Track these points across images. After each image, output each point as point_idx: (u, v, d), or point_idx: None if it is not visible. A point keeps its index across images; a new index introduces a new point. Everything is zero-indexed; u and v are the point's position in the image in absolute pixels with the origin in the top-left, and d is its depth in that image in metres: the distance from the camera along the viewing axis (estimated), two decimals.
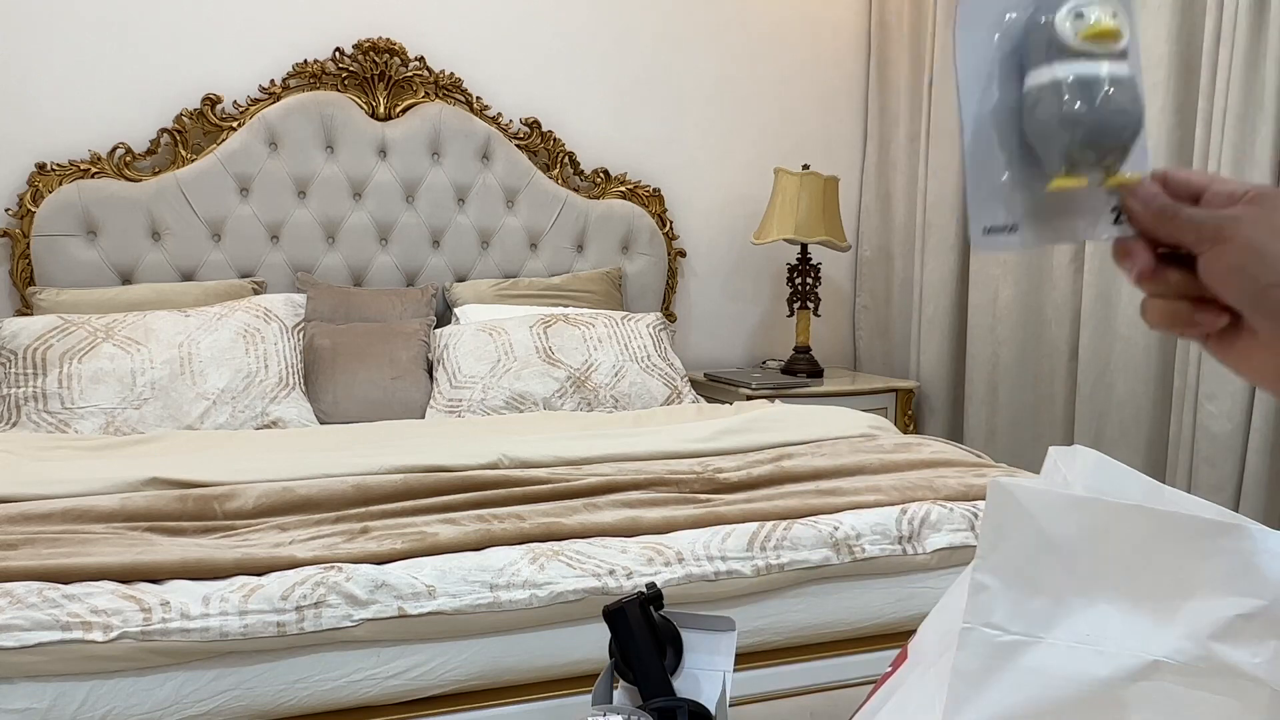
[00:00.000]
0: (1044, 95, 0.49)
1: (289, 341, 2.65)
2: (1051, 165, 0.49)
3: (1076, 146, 0.48)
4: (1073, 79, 0.48)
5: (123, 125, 2.86)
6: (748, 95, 3.61)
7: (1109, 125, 0.48)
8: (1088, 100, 0.48)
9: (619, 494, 1.86)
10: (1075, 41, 0.48)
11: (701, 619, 1.05)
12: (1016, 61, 0.50)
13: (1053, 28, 0.49)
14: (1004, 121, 0.51)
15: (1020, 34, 0.50)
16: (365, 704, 1.44)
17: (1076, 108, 0.48)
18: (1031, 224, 0.52)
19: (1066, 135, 0.48)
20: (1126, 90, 0.48)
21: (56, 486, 1.77)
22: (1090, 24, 0.48)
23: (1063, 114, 0.48)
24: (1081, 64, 0.48)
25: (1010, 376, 3.21)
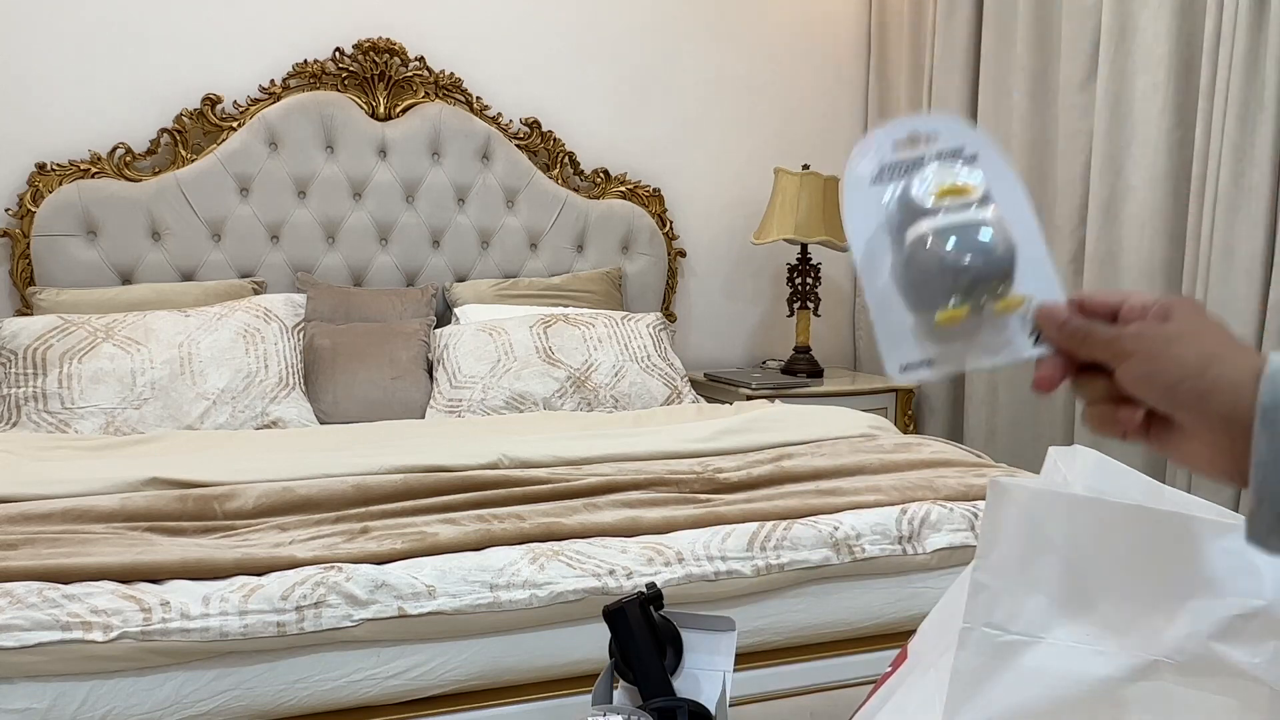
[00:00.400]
0: (915, 248, 0.59)
1: (289, 341, 2.65)
2: (937, 303, 0.58)
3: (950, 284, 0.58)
4: (933, 231, 0.58)
5: (123, 125, 2.86)
6: (748, 95, 3.61)
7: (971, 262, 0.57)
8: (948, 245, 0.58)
9: (619, 494, 1.86)
10: (931, 202, 0.59)
11: (701, 619, 1.05)
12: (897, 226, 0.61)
13: (911, 195, 0.60)
14: (897, 276, 0.60)
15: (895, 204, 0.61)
16: (365, 704, 1.44)
17: (940, 252, 0.58)
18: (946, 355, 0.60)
19: (938, 276, 0.58)
20: (984, 230, 0.58)
21: (56, 486, 1.77)
22: (940, 186, 0.59)
23: (933, 259, 0.58)
24: (939, 218, 0.59)
25: (1010, 376, 3.21)
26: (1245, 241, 2.50)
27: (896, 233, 0.60)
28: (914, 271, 0.59)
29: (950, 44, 3.38)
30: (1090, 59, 2.92)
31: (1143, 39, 2.75)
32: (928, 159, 0.62)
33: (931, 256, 0.58)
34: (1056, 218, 3.05)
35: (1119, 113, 2.82)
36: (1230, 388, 0.52)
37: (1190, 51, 2.69)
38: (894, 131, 0.63)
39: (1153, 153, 2.73)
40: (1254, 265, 2.49)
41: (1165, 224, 2.74)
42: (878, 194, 0.62)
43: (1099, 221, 2.88)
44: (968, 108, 3.36)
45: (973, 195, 0.59)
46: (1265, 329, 2.48)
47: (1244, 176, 2.50)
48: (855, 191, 0.62)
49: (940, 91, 3.43)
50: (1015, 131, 3.14)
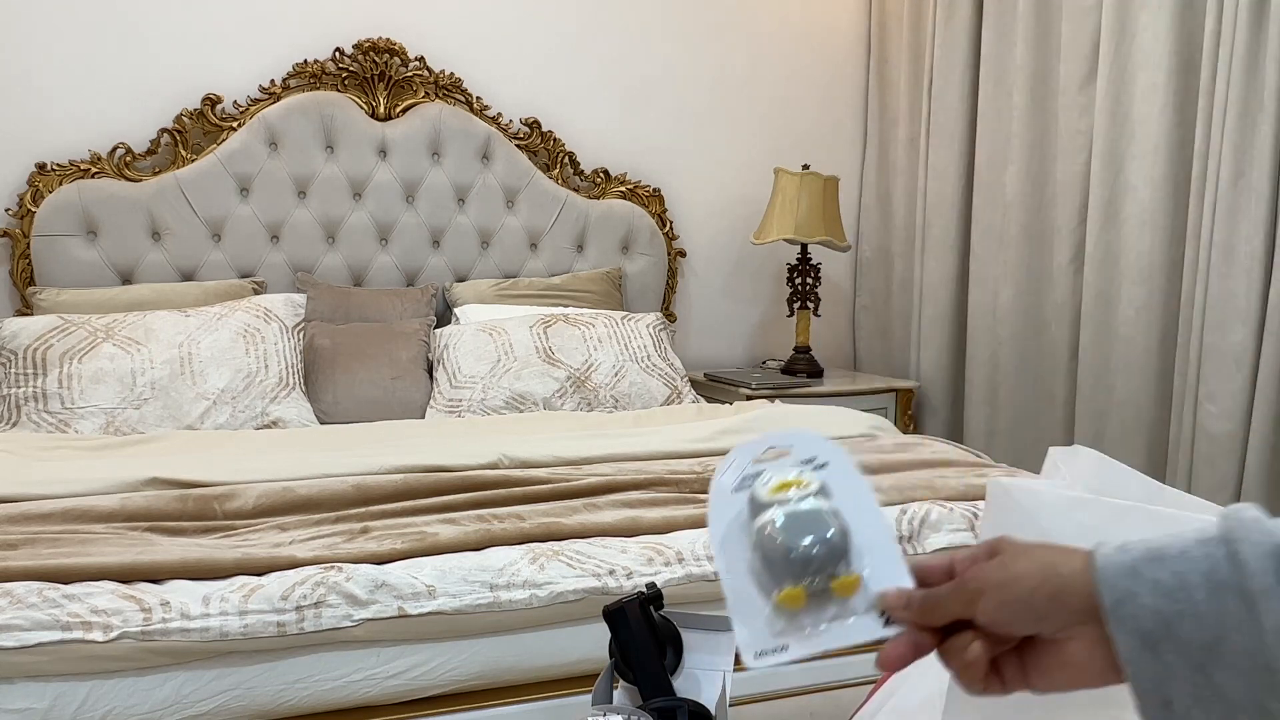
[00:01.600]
0: (757, 537, 0.64)
1: (289, 341, 2.65)
2: (778, 585, 0.62)
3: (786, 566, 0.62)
4: (770, 520, 0.64)
5: (123, 125, 2.86)
6: (748, 95, 3.61)
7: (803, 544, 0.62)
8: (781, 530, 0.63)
9: (619, 494, 1.86)
10: (767, 496, 0.65)
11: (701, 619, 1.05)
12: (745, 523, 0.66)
13: (754, 492, 0.66)
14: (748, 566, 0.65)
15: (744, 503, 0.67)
16: (365, 704, 1.44)
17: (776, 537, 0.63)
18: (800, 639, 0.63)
19: (778, 561, 0.62)
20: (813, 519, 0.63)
21: (56, 486, 1.77)
22: (774, 483, 0.66)
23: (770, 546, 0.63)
24: (775, 509, 0.64)
25: (1010, 376, 3.21)
26: (1245, 241, 2.50)
27: (745, 529, 0.66)
28: (758, 559, 0.64)
29: (950, 44, 3.38)
30: (1090, 59, 2.92)
31: (1143, 39, 2.75)
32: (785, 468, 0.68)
33: (769, 541, 0.63)
34: (1056, 218, 3.05)
35: (1119, 113, 2.82)
36: (1079, 582, 0.54)
37: (1190, 51, 2.69)
38: (754, 448, 0.69)
39: (1153, 153, 2.73)
40: (1254, 265, 2.49)
41: (1165, 224, 2.74)
42: (738, 501, 0.67)
43: (1099, 221, 2.88)
44: (968, 108, 3.36)
45: (808, 488, 0.65)
46: (1265, 329, 2.48)
47: (1244, 176, 2.50)
48: (718, 500, 0.68)
49: (940, 91, 3.43)
50: (1015, 131, 3.14)
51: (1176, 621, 0.50)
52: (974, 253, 3.34)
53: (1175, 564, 0.51)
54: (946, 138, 3.42)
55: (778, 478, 0.66)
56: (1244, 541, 0.50)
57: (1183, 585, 0.51)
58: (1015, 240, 3.16)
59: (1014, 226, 3.16)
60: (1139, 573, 0.52)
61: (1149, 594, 0.51)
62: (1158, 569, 0.51)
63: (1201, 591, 0.50)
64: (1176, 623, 0.50)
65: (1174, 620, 0.50)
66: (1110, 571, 0.53)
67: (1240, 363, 2.51)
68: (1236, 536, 0.51)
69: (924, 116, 3.50)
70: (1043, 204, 3.12)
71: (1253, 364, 2.51)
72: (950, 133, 3.41)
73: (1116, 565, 0.53)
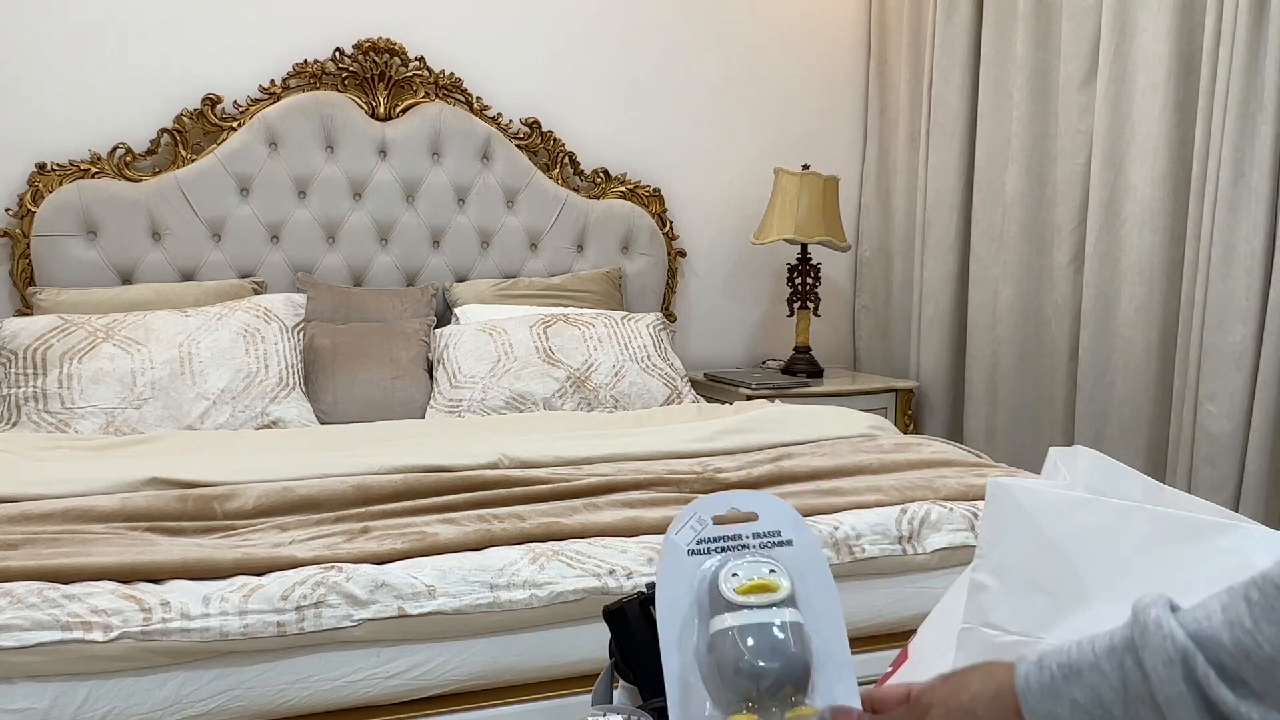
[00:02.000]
0: (716, 640, 0.59)
1: (289, 341, 2.65)
2: (730, 703, 0.58)
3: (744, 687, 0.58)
4: (734, 628, 0.58)
5: (123, 125, 2.86)
6: (748, 95, 3.61)
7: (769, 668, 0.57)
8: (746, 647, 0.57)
9: (619, 494, 1.86)
10: (734, 596, 0.59)
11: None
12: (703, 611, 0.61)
13: (719, 585, 0.60)
14: (699, 659, 0.60)
15: (706, 587, 0.61)
16: (365, 704, 1.44)
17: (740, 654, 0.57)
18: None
19: (734, 677, 0.58)
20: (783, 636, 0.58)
21: (56, 486, 1.77)
22: (744, 581, 0.60)
23: (729, 658, 0.57)
24: (742, 615, 0.58)
25: (1010, 376, 3.21)
26: (1245, 241, 2.50)
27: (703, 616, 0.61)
28: (713, 664, 0.59)
29: (950, 44, 3.38)
30: (1090, 59, 2.92)
31: (1143, 39, 2.75)
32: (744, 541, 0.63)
33: (730, 655, 0.58)
34: (1056, 218, 3.05)
35: (1119, 113, 2.82)
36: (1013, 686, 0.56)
37: (1190, 51, 2.69)
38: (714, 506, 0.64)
39: (1153, 153, 2.73)
40: (1254, 265, 2.49)
41: (1165, 224, 2.74)
42: (693, 566, 0.62)
43: (1099, 221, 2.88)
44: (968, 107, 3.36)
45: (778, 594, 0.60)
46: (1265, 329, 2.48)
47: (1244, 176, 2.50)
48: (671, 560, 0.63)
49: (940, 91, 3.43)
50: (1015, 131, 3.14)
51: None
52: (974, 253, 3.35)
53: (1090, 679, 0.52)
54: (946, 137, 3.42)
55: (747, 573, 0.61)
56: (1146, 649, 0.51)
57: (1099, 701, 0.52)
58: (1015, 240, 3.16)
59: (1014, 226, 3.16)
60: (1058, 693, 0.53)
61: (1070, 713, 0.53)
62: (1074, 687, 0.53)
63: (1118, 706, 0.51)
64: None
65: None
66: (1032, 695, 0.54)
67: (1240, 363, 2.51)
68: (1140, 644, 0.52)
69: (924, 116, 3.50)
70: (1043, 204, 3.12)
71: (1253, 364, 2.51)
72: (950, 132, 3.41)
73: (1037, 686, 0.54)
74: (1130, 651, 0.52)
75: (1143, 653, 0.51)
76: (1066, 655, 0.54)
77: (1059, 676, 0.53)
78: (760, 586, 0.60)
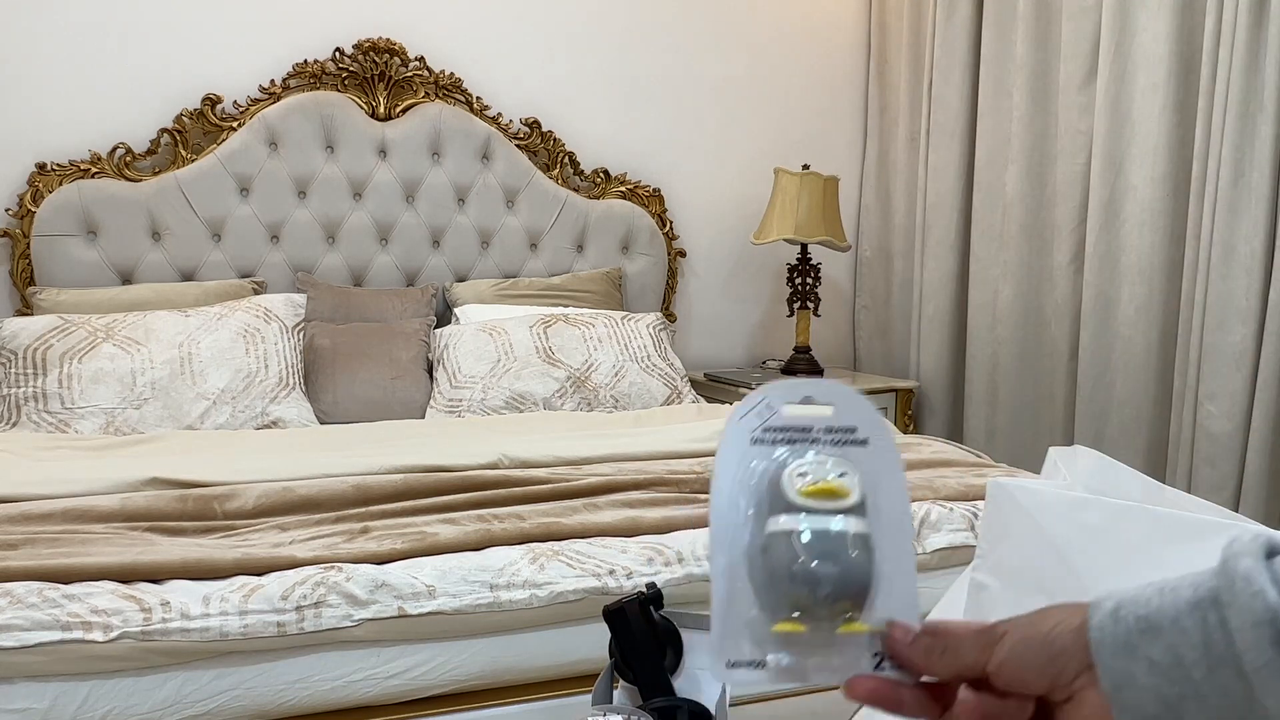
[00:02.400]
0: (771, 543, 0.53)
1: (289, 341, 2.65)
2: (779, 609, 0.53)
3: (796, 595, 0.53)
4: (793, 531, 0.53)
5: (123, 125, 2.86)
6: (748, 95, 3.61)
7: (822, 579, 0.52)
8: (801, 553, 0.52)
9: (619, 494, 1.86)
10: (798, 498, 0.53)
11: (701, 619, 1.05)
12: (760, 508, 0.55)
13: (782, 481, 0.54)
14: (749, 560, 0.55)
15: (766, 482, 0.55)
16: (365, 704, 1.44)
17: (795, 558, 0.52)
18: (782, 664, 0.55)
19: (786, 582, 0.53)
20: (845, 547, 0.53)
21: (56, 486, 1.77)
22: (810, 483, 0.54)
23: (784, 562, 0.53)
24: (803, 518, 0.53)
25: (1010, 376, 3.21)
26: (1245, 241, 2.50)
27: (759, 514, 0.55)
28: (764, 567, 0.54)
29: (950, 44, 3.38)
30: (1090, 59, 2.92)
31: (1143, 39, 2.75)
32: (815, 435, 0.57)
33: (784, 559, 0.53)
34: (1056, 218, 3.05)
35: (1119, 113, 2.82)
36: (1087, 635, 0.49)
37: (1190, 51, 2.69)
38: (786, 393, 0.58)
39: (1153, 153, 2.73)
40: (1254, 265, 2.49)
41: (1165, 224, 2.74)
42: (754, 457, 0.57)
43: (1099, 221, 2.88)
44: (968, 107, 3.36)
45: (845, 500, 0.54)
46: (1265, 329, 2.48)
47: (1244, 176, 2.50)
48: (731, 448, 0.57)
49: (940, 91, 3.43)
50: (1015, 131, 3.14)
51: (1179, 704, 0.46)
52: (974, 253, 3.35)
53: (1170, 637, 0.47)
54: (946, 137, 3.42)
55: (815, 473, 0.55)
56: (1232, 607, 0.45)
57: (1179, 663, 0.46)
58: (1015, 240, 3.16)
59: (1014, 226, 3.16)
60: (1134, 649, 0.47)
61: (1146, 674, 0.47)
62: (1152, 644, 0.47)
63: (1199, 670, 0.46)
64: (1179, 705, 0.46)
65: (1176, 703, 0.46)
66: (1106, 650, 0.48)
67: (1240, 363, 2.51)
68: (1226, 600, 0.46)
69: (924, 116, 3.50)
70: (1043, 204, 3.12)
71: (1253, 364, 2.51)
72: (950, 132, 3.41)
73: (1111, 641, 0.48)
74: (1215, 607, 0.46)
75: (1228, 610, 0.45)
76: (1146, 605, 0.47)
77: (1135, 631, 0.47)
78: (828, 490, 0.54)
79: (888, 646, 0.54)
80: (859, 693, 0.53)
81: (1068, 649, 0.49)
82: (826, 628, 0.53)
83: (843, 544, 0.53)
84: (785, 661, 0.55)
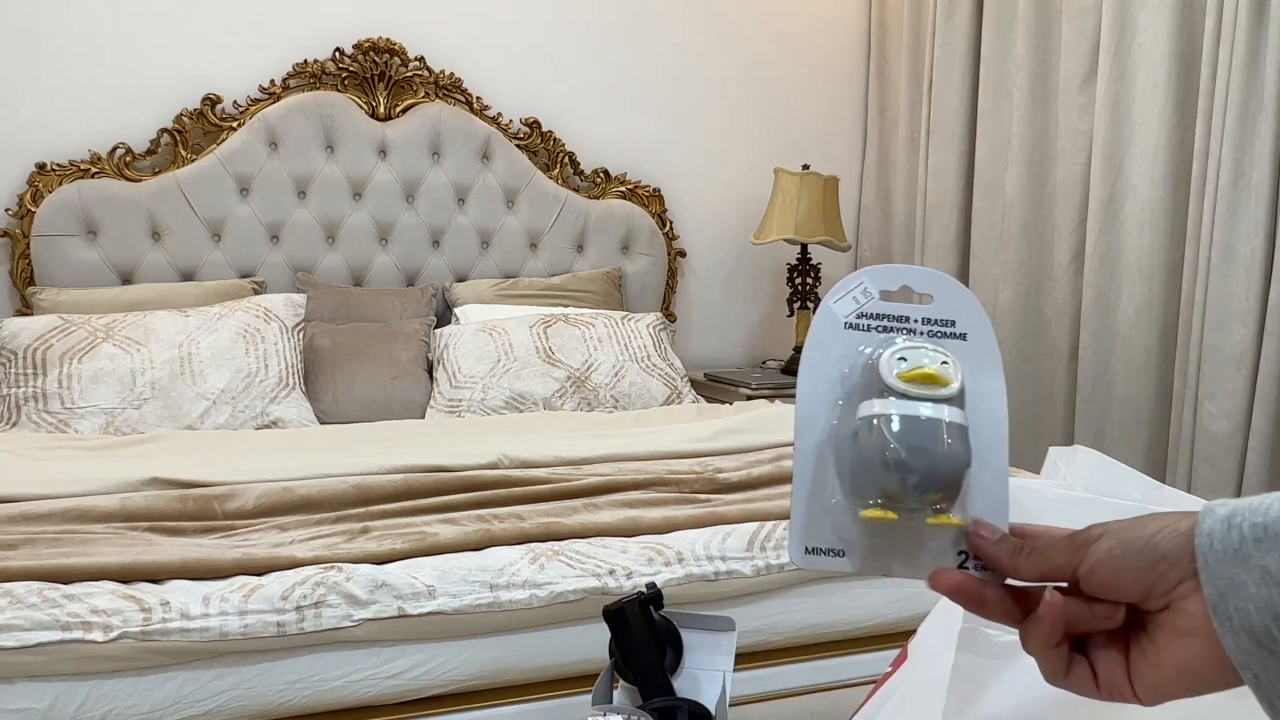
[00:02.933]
0: (863, 427, 0.51)
1: (289, 341, 2.65)
2: (866, 495, 0.51)
3: (886, 481, 0.50)
4: (887, 416, 0.51)
5: (123, 125, 2.86)
6: (748, 95, 3.61)
7: (917, 466, 0.50)
8: (898, 437, 0.50)
9: (619, 494, 1.86)
10: (896, 382, 0.51)
11: (701, 619, 1.05)
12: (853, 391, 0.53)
13: (880, 364, 0.52)
14: (836, 445, 0.53)
15: (861, 365, 0.54)
16: (365, 704, 1.44)
17: (887, 442, 0.50)
18: (862, 551, 0.53)
19: (878, 469, 0.50)
20: (942, 435, 0.51)
21: (56, 486, 1.77)
22: (911, 367, 0.52)
23: (875, 447, 0.51)
24: (900, 404, 0.51)
25: (1010, 376, 3.21)
26: (1245, 241, 2.50)
27: (850, 397, 0.53)
28: (854, 451, 0.52)
29: (950, 44, 3.38)
30: (1090, 59, 2.92)
31: (1143, 39, 2.75)
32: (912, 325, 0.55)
33: (876, 444, 0.51)
34: (1056, 218, 3.05)
35: (1119, 113, 2.82)
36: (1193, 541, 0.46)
37: (1190, 51, 2.69)
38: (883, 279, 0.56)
39: (1153, 153, 2.73)
40: (1254, 265, 2.49)
41: (1165, 224, 2.74)
42: (848, 341, 0.55)
43: (1099, 221, 2.88)
44: (968, 108, 3.36)
45: (946, 389, 0.52)
46: (1265, 329, 2.48)
47: (1244, 176, 2.50)
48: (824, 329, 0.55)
49: (940, 91, 3.43)
50: (1015, 131, 3.14)
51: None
52: (974, 253, 3.34)
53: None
54: (946, 138, 3.42)
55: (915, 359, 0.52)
56: None
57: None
58: (1015, 240, 3.16)
59: (1014, 226, 3.16)
60: (1248, 558, 0.43)
61: (1259, 583, 0.43)
62: (1269, 553, 0.43)
63: None
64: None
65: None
66: (1214, 556, 0.44)
67: (1240, 363, 2.51)
68: None
69: (924, 116, 3.50)
70: (1043, 204, 3.12)
71: (1253, 364, 2.51)
72: (950, 133, 3.41)
73: (1222, 547, 0.44)
74: None
75: None
76: (1264, 514, 0.44)
77: (1249, 539, 0.43)
78: (929, 376, 0.51)
79: (973, 545, 0.52)
80: (944, 585, 0.51)
81: (1170, 554, 0.46)
82: (917, 518, 0.51)
83: (939, 432, 0.51)
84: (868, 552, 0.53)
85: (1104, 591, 0.48)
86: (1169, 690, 0.48)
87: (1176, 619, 0.46)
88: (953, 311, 0.55)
